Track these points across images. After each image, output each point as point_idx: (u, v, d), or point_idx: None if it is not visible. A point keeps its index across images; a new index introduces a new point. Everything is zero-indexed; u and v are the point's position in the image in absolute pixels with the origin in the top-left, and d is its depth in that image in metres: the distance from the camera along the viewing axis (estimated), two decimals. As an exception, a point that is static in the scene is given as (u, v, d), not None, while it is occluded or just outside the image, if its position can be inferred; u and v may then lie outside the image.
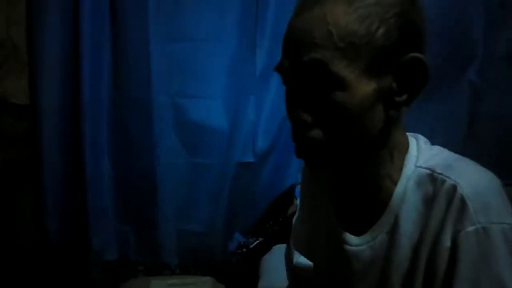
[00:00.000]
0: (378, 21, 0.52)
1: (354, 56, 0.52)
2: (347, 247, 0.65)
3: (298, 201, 1.54)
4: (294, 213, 1.53)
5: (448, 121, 1.57)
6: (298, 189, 1.61)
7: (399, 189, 0.60)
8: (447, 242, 0.54)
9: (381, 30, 0.52)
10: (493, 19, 1.54)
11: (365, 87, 0.54)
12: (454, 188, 0.55)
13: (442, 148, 0.64)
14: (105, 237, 1.59)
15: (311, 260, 0.80)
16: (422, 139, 0.65)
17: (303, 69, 0.54)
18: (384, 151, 0.61)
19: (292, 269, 1.09)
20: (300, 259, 1.04)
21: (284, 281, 1.01)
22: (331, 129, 0.56)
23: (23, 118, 1.57)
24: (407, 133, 0.65)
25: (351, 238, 0.65)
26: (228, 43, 1.51)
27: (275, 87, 1.53)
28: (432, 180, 0.58)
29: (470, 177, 0.56)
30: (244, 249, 1.54)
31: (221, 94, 1.54)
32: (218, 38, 1.50)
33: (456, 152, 0.62)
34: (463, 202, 0.54)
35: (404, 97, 0.56)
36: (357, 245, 0.64)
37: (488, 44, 1.55)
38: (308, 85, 0.55)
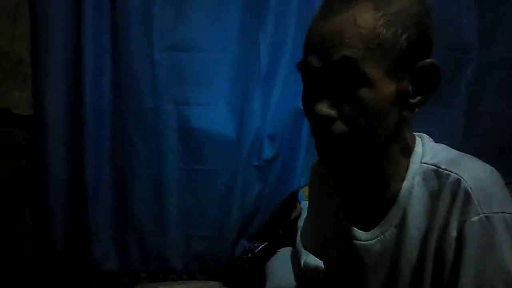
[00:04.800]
0: (402, 28, 0.57)
1: (380, 57, 0.57)
2: (357, 242, 0.67)
3: (302, 205, 1.57)
4: (297, 216, 1.56)
5: (448, 122, 1.60)
6: (301, 193, 1.62)
7: (406, 184, 0.63)
8: (453, 232, 0.57)
9: (404, 36, 0.57)
10: (486, 23, 1.59)
11: (388, 87, 0.58)
12: (458, 181, 0.58)
13: (445, 145, 0.67)
14: (105, 247, 1.59)
15: (320, 259, 0.82)
16: (426, 137, 0.68)
17: (333, 66, 0.58)
18: (393, 149, 0.64)
19: (300, 270, 1.10)
20: (309, 260, 1.06)
21: (290, 283, 1.02)
22: (354, 124, 0.59)
23: (26, 129, 1.58)
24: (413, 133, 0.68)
25: (360, 233, 0.67)
26: (231, 51, 1.52)
27: (278, 92, 1.55)
28: (438, 175, 0.61)
29: (472, 171, 0.59)
30: (250, 254, 1.55)
31: (225, 101, 1.55)
32: (221, 47, 1.52)
33: None
34: (467, 194, 0.57)
35: (417, 99, 0.60)
36: (367, 240, 0.66)
37: (482, 47, 1.59)
38: (335, 82, 0.59)
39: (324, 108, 0.59)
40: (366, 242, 0.66)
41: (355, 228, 0.68)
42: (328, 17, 0.59)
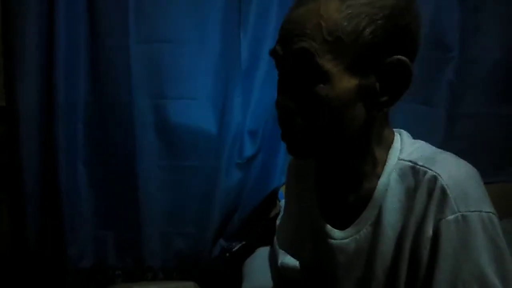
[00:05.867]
0: (367, 21, 0.54)
1: (339, 51, 0.54)
2: (332, 241, 0.66)
3: (281, 203, 1.56)
4: (276, 215, 1.55)
5: (429, 121, 1.61)
6: (281, 191, 1.61)
7: (382, 181, 0.62)
8: (429, 231, 0.56)
9: (368, 30, 0.54)
10: (468, 22, 1.59)
11: (347, 83, 0.55)
12: (435, 178, 0.56)
13: (423, 142, 0.66)
14: (81, 244, 1.55)
15: (296, 258, 0.81)
16: (405, 134, 0.67)
17: (292, 57, 0.57)
18: (368, 147, 0.62)
19: (277, 270, 1.09)
20: (286, 260, 1.04)
21: (267, 283, 1.01)
22: (312, 118, 0.58)
23: (-1, 122, 1.53)
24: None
25: (335, 232, 0.66)
26: (211, 45, 1.48)
27: (258, 87, 1.52)
28: (414, 172, 0.59)
29: (450, 168, 0.57)
30: (227, 254, 1.52)
31: (205, 95, 1.51)
32: (201, 39, 1.48)
33: None
34: (443, 192, 0.55)
35: (386, 98, 0.58)
36: (341, 239, 0.65)
37: (464, 46, 1.59)
38: (295, 74, 0.57)
39: (284, 100, 0.58)
40: (340, 241, 0.65)
41: (330, 227, 0.66)
42: (298, 5, 0.58)
